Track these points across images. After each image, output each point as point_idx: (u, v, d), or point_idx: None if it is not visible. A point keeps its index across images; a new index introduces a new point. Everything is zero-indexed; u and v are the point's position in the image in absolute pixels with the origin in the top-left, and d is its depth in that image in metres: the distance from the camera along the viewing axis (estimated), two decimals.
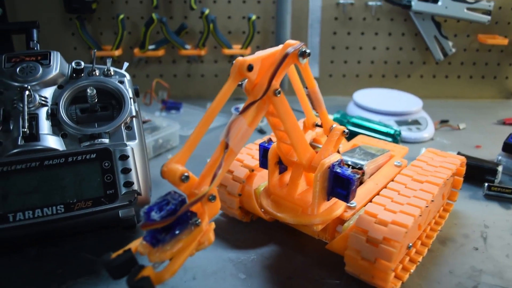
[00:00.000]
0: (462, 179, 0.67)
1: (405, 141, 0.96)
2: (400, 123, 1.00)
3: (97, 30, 1.18)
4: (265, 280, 0.55)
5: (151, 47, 1.16)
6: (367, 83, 1.28)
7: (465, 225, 0.67)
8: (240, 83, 0.45)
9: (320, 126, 0.56)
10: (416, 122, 1.01)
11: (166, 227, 0.38)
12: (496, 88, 1.30)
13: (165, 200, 0.38)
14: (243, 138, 0.42)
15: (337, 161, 0.50)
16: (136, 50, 1.16)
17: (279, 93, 0.44)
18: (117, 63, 1.20)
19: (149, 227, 0.37)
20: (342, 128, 0.53)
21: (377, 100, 1.08)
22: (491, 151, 0.91)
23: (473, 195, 0.75)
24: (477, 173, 0.78)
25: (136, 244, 0.40)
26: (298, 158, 0.52)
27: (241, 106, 0.43)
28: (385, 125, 0.93)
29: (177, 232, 0.39)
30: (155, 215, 0.37)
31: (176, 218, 0.37)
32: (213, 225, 0.42)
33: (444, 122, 1.07)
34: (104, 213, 0.54)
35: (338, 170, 0.50)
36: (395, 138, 0.91)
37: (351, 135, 0.86)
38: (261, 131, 1.01)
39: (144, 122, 0.93)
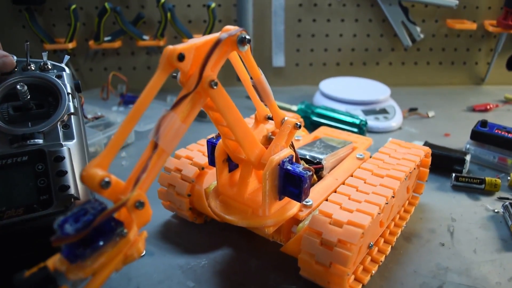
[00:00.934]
0: (428, 170, 0.64)
1: (372, 131, 0.93)
2: (367, 113, 0.96)
3: (49, 22, 1.12)
4: (215, 287, 0.51)
5: (106, 38, 1.10)
6: (335, 71, 1.24)
7: (432, 219, 0.63)
8: (174, 74, 0.40)
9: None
10: (383, 111, 0.97)
11: (87, 239, 0.34)
12: (466, 74, 1.27)
13: (83, 209, 0.34)
14: (176, 136, 0.38)
15: (288, 157, 0.46)
16: (91, 42, 1.10)
17: (216, 84, 0.39)
18: (73, 56, 1.14)
19: (63, 242, 0.32)
20: (294, 121, 0.48)
21: (343, 89, 1.04)
22: (460, 139, 0.88)
23: (440, 186, 0.72)
24: (444, 163, 0.75)
25: (54, 260, 0.35)
26: (245, 155, 0.47)
27: None
28: (351, 115, 0.90)
29: (100, 244, 0.34)
30: (69, 227, 0.32)
31: (92, 230, 0.33)
32: (144, 234, 0.38)
33: (412, 110, 1.04)
34: (38, 221, 0.50)
35: (289, 167, 0.45)
36: (361, 128, 0.87)
37: (316, 126, 0.82)
38: None
39: (96, 118, 0.88)
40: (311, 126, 0.90)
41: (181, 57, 0.37)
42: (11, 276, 0.37)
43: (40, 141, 0.54)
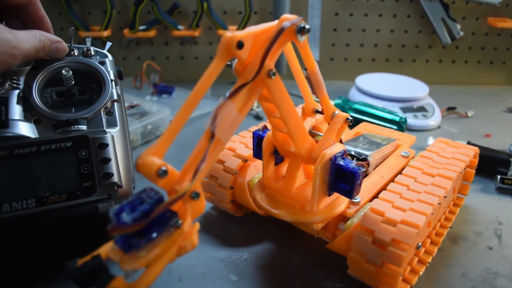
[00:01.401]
0: (474, 171, 0.62)
1: (410, 129, 0.91)
2: (405, 110, 0.94)
3: (84, 9, 1.12)
4: (258, 282, 0.49)
5: (141, 27, 1.09)
6: (370, 67, 1.22)
7: (477, 221, 0.61)
8: (229, 63, 0.39)
9: (321, 112, 0.50)
10: (422, 109, 0.95)
11: (141, 229, 0.33)
12: (505, 75, 1.24)
13: (139, 198, 0.33)
14: (232, 127, 0.37)
15: (339, 152, 0.45)
16: (126, 31, 1.10)
17: (274, 74, 0.38)
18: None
19: (119, 232, 0.31)
20: (346, 115, 0.47)
21: (381, 85, 1.02)
22: (502, 141, 0.85)
23: (484, 188, 0.70)
24: (488, 165, 0.72)
25: (107, 249, 0.34)
26: (295, 149, 0.46)
27: None
28: (390, 112, 0.87)
29: (154, 235, 0.33)
30: (126, 216, 0.31)
31: (150, 221, 0.32)
32: (197, 226, 0.37)
33: (451, 109, 1.01)
34: (81, 208, 0.49)
35: (341, 162, 0.44)
36: (401, 125, 0.85)
37: (354, 123, 0.80)
38: (258, 117, 0.95)
39: (132, 106, 0.88)
40: None
41: (240, 45, 0.36)
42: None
43: (84, 127, 0.54)
